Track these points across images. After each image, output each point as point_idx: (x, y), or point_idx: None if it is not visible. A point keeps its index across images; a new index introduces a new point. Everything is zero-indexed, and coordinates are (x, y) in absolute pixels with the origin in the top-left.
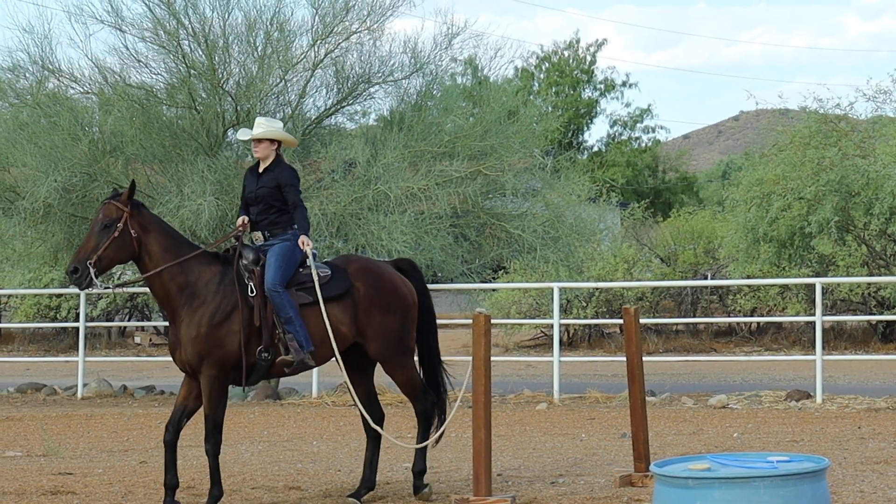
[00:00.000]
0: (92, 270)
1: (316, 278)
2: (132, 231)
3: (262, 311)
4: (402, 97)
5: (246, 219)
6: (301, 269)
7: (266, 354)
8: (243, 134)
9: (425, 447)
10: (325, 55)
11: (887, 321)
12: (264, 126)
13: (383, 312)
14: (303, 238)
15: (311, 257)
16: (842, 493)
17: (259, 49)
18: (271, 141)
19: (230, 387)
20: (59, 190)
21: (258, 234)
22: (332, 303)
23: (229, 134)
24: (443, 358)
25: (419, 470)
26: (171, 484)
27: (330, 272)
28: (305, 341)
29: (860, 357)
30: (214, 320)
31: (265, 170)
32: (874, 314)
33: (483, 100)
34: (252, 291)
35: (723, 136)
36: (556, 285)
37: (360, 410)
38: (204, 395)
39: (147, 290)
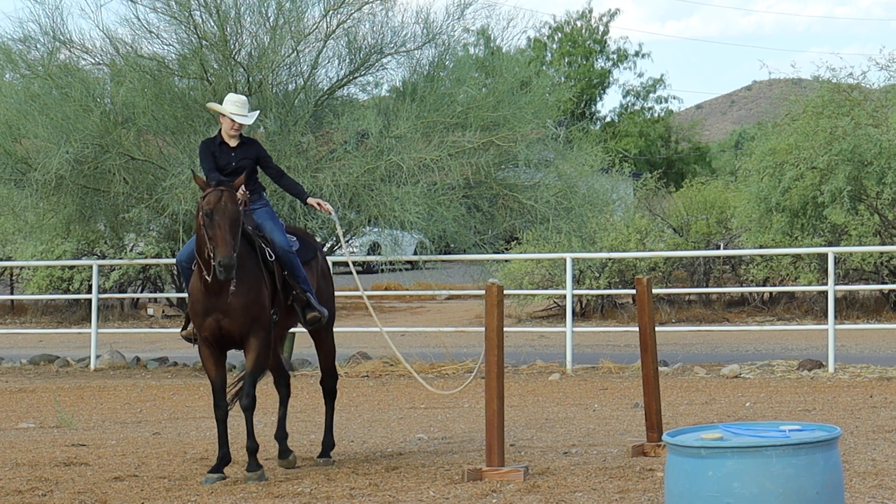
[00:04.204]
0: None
1: (343, 239)
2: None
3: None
4: (414, 68)
5: None
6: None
7: (276, 316)
8: (241, 118)
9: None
10: (338, 26)
11: None
12: (246, 107)
13: (326, 280)
14: (319, 201)
15: (336, 220)
16: (854, 461)
17: (271, 20)
18: None
19: (241, 360)
20: (70, 161)
21: None
22: (304, 267)
23: None
24: (457, 329)
25: (329, 444)
26: (227, 458)
27: (297, 239)
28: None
29: (872, 326)
30: (259, 285)
31: (239, 145)
32: (886, 283)
33: (496, 70)
34: (271, 256)
35: (736, 106)
36: (568, 256)
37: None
38: (254, 356)
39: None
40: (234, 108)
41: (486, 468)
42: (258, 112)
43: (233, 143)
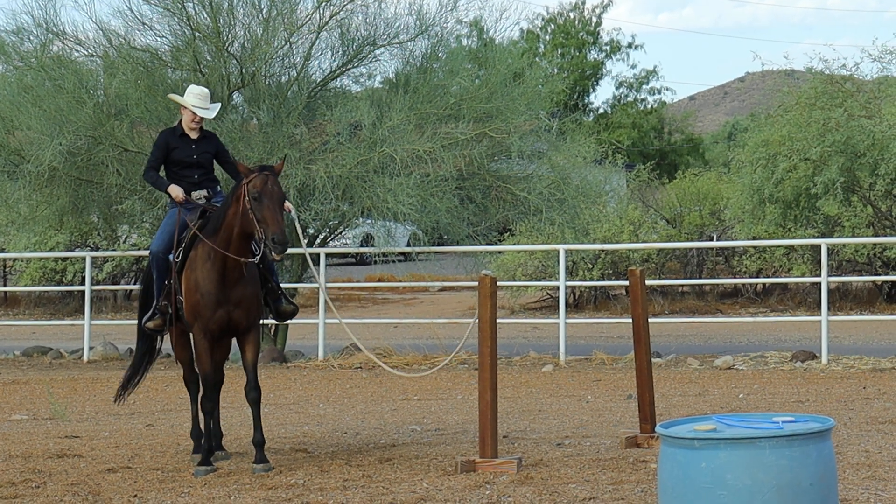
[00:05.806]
0: None
1: (301, 236)
2: None
3: None
4: (407, 59)
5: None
6: None
7: None
8: (202, 111)
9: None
10: (331, 17)
11: (892, 282)
12: (208, 100)
13: None
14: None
15: (295, 218)
16: (847, 452)
17: (264, 11)
18: None
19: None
20: (63, 153)
21: (203, 192)
22: None
23: (234, 97)
24: (450, 320)
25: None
26: (211, 449)
27: None
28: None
29: (865, 317)
30: (258, 276)
31: (200, 138)
32: (879, 275)
33: (488, 62)
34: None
35: (729, 98)
36: (561, 247)
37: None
38: (254, 347)
39: None
40: (197, 101)
41: (479, 459)
42: (220, 105)
43: (194, 135)
